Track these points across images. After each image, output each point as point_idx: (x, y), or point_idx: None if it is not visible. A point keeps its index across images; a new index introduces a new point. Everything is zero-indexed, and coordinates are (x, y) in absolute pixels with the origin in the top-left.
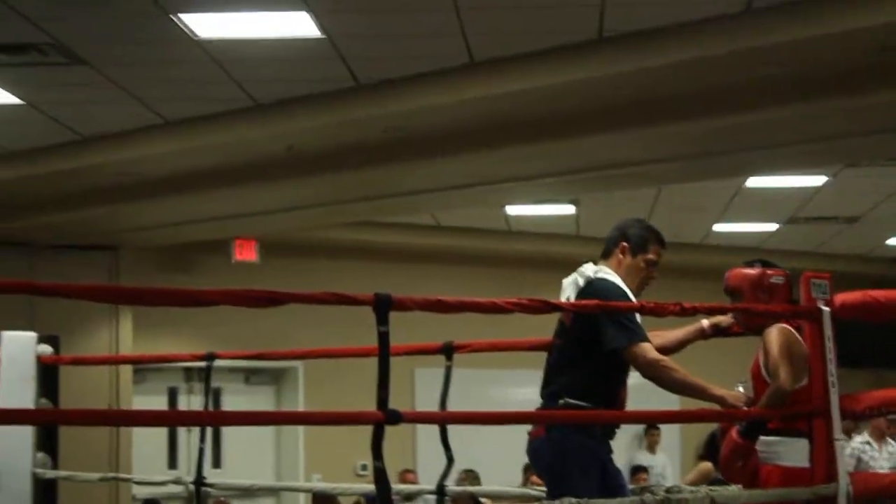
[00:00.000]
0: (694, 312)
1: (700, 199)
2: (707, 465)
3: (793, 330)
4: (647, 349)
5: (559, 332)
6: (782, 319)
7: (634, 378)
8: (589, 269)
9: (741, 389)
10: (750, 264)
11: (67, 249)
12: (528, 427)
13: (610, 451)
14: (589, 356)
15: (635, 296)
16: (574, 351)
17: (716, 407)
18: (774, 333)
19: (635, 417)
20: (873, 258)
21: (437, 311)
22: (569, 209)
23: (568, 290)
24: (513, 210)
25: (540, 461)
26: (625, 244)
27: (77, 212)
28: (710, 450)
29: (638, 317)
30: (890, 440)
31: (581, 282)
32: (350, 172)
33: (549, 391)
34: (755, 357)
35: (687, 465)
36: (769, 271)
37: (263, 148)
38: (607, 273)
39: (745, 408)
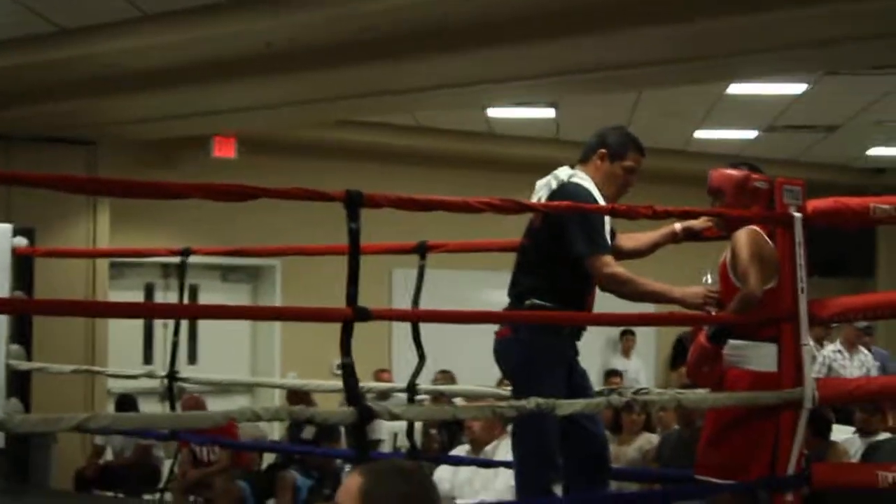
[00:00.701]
0: (666, 216)
1: (681, 105)
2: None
3: (761, 232)
4: (606, 262)
5: (528, 232)
6: (757, 223)
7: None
8: (563, 173)
9: (708, 279)
10: (735, 166)
11: (45, 143)
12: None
13: (576, 351)
14: (555, 258)
15: (613, 202)
16: (541, 252)
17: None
18: (743, 236)
19: (604, 320)
20: (853, 168)
21: (408, 208)
22: (548, 112)
23: (541, 191)
24: (493, 112)
25: (507, 360)
26: (603, 150)
27: (55, 104)
28: (676, 355)
29: (608, 223)
30: (861, 349)
31: (554, 184)
32: (329, 70)
33: (516, 291)
34: (723, 256)
35: (661, 370)
36: (754, 175)
37: (243, 44)
38: (581, 178)
39: (708, 301)
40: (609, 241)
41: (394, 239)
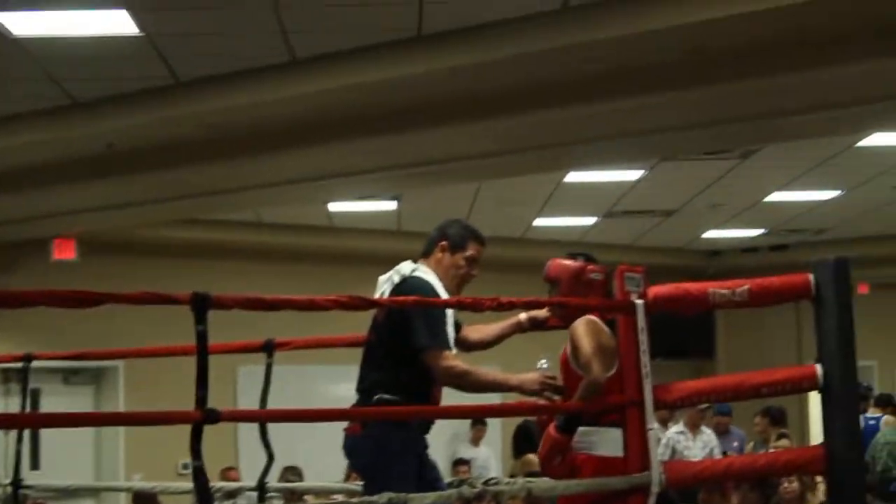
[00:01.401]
0: (511, 307)
1: (520, 194)
2: (531, 458)
3: (598, 320)
4: (444, 357)
5: (372, 327)
6: (595, 312)
7: None
8: (406, 267)
9: (544, 364)
10: (573, 256)
11: None
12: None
13: (425, 445)
14: (399, 352)
15: (456, 294)
16: (385, 346)
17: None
18: (582, 325)
19: (453, 412)
20: (689, 251)
21: (255, 308)
22: (390, 205)
23: (383, 286)
24: (335, 206)
25: (357, 458)
26: (444, 243)
27: None
28: (518, 443)
29: (451, 315)
30: (704, 429)
31: (396, 278)
32: (170, 170)
33: (363, 387)
34: (564, 347)
35: (507, 458)
36: (589, 266)
37: (83, 146)
38: (424, 272)
39: (545, 386)
40: (452, 335)
41: (239, 335)
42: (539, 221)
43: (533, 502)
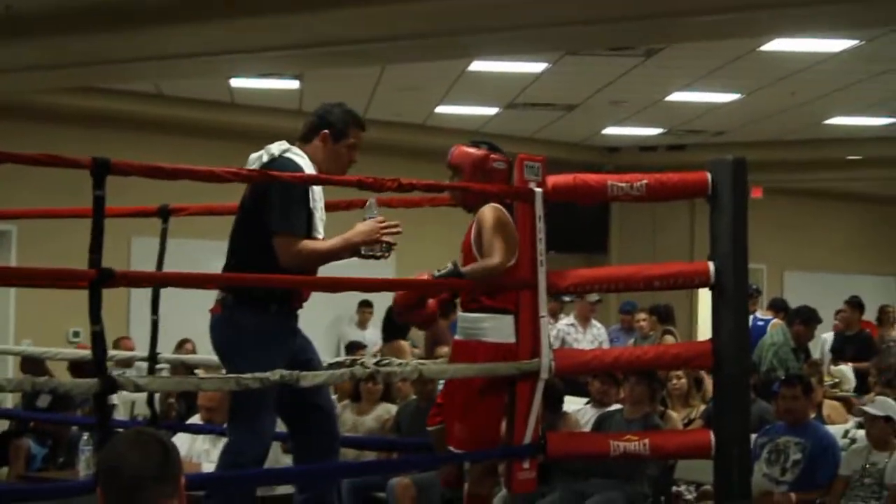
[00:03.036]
0: (411, 188)
1: (423, 81)
2: (402, 344)
3: (504, 210)
4: (292, 242)
5: (239, 206)
6: (496, 199)
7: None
8: (276, 147)
9: (373, 204)
10: (476, 144)
11: None
12: None
13: (292, 328)
14: (259, 234)
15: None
16: (246, 227)
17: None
18: (488, 212)
19: (318, 284)
20: (588, 147)
21: (155, 177)
22: (293, 84)
23: (252, 164)
24: (236, 83)
25: (214, 338)
26: (325, 132)
27: None
28: (388, 326)
29: (318, 201)
30: (594, 323)
31: (265, 158)
32: (69, 35)
33: (227, 266)
34: (466, 233)
35: None
36: (493, 155)
37: None
38: (296, 153)
39: (382, 230)
40: (321, 219)
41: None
42: (441, 109)
43: (423, 385)
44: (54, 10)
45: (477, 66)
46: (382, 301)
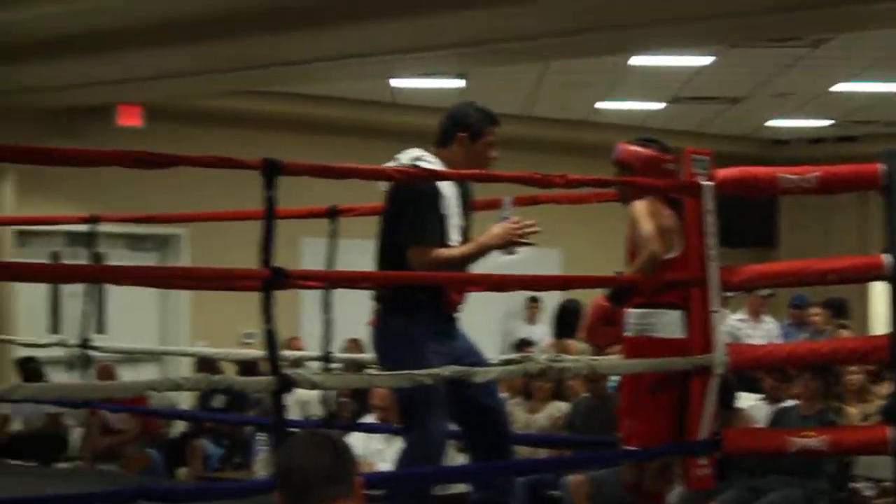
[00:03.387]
0: (579, 184)
1: (586, 76)
2: (570, 343)
3: (657, 202)
4: (425, 253)
5: (381, 215)
6: (661, 195)
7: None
8: (406, 156)
9: (508, 204)
10: (645, 143)
11: None
12: None
13: (449, 333)
14: (398, 244)
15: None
16: (387, 237)
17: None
18: (638, 206)
19: (481, 282)
20: (754, 139)
21: (323, 176)
22: (457, 83)
23: None
24: (397, 83)
25: (375, 349)
26: (463, 134)
27: None
28: (559, 324)
29: (451, 208)
30: (765, 317)
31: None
32: (234, 40)
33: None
34: (629, 232)
35: None
36: (665, 156)
37: (150, 12)
38: (426, 161)
39: (515, 232)
40: (457, 225)
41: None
42: (604, 104)
43: (595, 382)
44: (220, 13)
45: (640, 60)
46: (550, 297)
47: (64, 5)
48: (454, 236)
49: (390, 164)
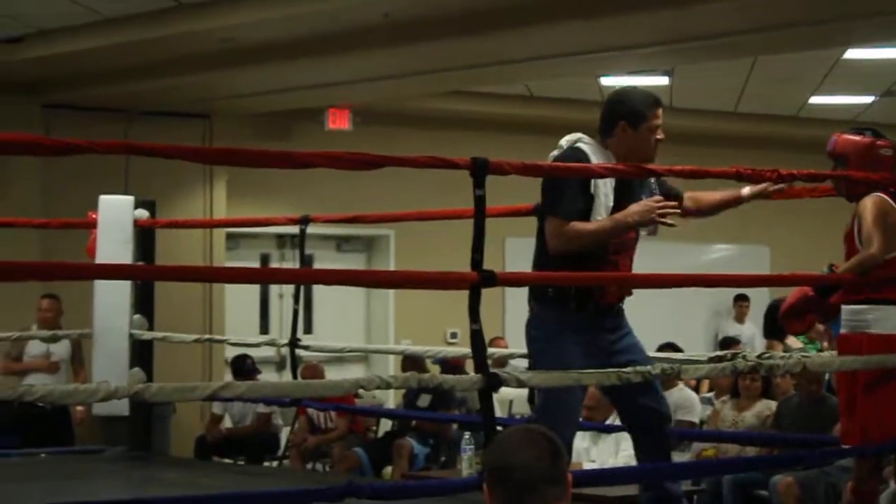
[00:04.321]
0: (791, 179)
1: (796, 71)
2: (776, 344)
3: (889, 200)
4: (559, 225)
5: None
6: (879, 188)
7: (725, 252)
8: (565, 140)
9: (650, 182)
10: (859, 131)
11: (161, 116)
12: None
13: (599, 325)
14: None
15: (649, 161)
16: (541, 217)
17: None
18: (869, 202)
19: (650, 281)
20: None
21: (533, 175)
22: (662, 80)
23: (549, 160)
24: (607, 81)
25: (526, 337)
26: (623, 122)
27: (172, 79)
28: (768, 323)
29: (602, 186)
30: None
31: (555, 152)
32: (443, 41)
33: (533, 263)
34: (849, 225)
35: None
36: (879, 142)
37: (359, 15)
38: (585, 142)
39: (658, 209)
40: (606, 203)
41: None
42: (815, 99)
43: (809, 379)
44: (431, 15)
45: (853, 53)
46: (759, 295)
47: (278, 10)
48: (601, 217)
49: (554, 151)
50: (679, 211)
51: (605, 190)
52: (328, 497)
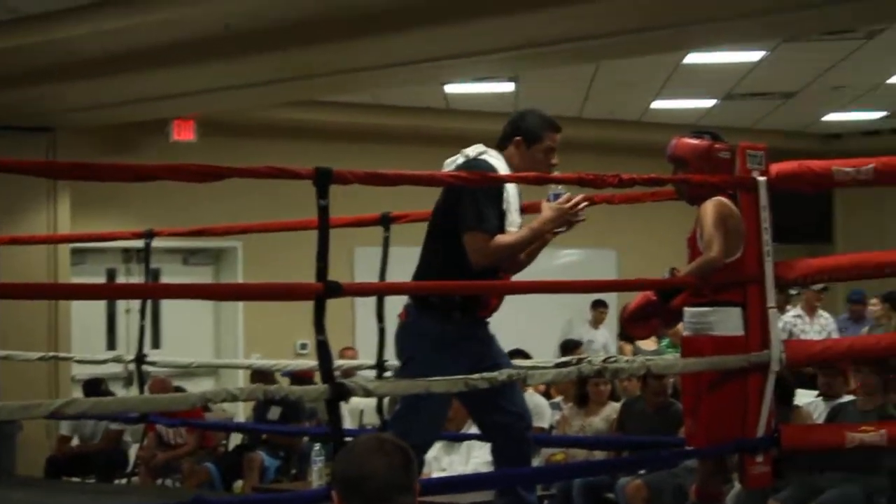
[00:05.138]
0: (632, 183)
1: (637, 76)
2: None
3: (729, 203)
4: (483, 239)
5: (433, 212)
6: (719, 191)
7: (573, 256)
8: (472, 150)
9: (560, 190)
10: (698, 135)
11: (2, 131)
12: None
13: (477, 335)
14: (452, 236)
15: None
16: (438, 231)
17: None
18: (710, 206)
19: (515, 288)
20: (809, 134)
21: (376, 184)
22: (508, 86)
23: (448, 168)
24: (451, 88)
25: (397, 344)
26: (518, 138)
27: (12, 92)
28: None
29: (512, 202)
30: (821, 312)
31: (460, 160)
32: (288, 51)
33: (416, 273)
34: (693, 228)
35: None
36: (717, 145)
37: (201, 26)
38: (492, 155)
39: (566, 213)
40: (516, 220)
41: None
42: (657, 104)
43: (651, 392)
44: (272, 26)
45: (692, 58)
46: (613, 300)
47: (118, 22)
48: (514, 231)
49: (456, 157)
50: (588, 203)
51: (515, 206)
52: None
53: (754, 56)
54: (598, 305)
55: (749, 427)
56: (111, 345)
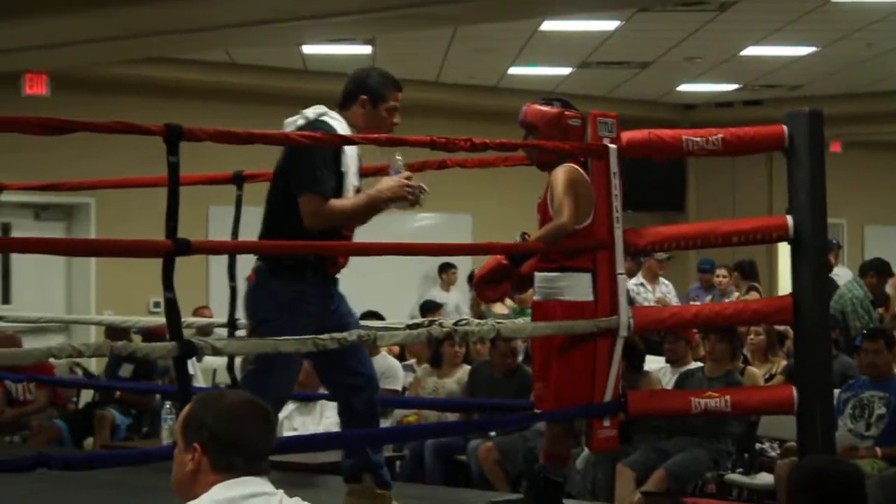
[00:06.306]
0: (484, 148)
1: (495, 42)
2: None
3: (580, 170)
4: (317, 202)
5: (274, 171)
6: (570, 158)
7: (430, 220)
8: (312, 111)
9: (399, 161)
10: (549, 102)
11: None
12: None
13: (327, 292)
14: (292, 197)
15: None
16: (279, 191)
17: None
18: (561, 172)
19: (370, 249)
20: (663, 104)
21: (226, 141)
22: (365, 49)
23: (287, 129)
24: (308, 49)
25: (247, 306)
26: (364, 97)
27: None
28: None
29: (350, 165)
30: (662, 280)
31: (300, 121)
32: (140, 6)
33: (261, 233)
34: (543, 194)
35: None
36: (567, 112)
37: None
38: (332, 117)
39: (407, 186)
40: (353, 183)
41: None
42: (514, 70)
43: (500, 354)
44: None
45: (549, 25)
46: (465, 263)
47: None
48: (351, 194)
49: (296, 118)
50: (424, 188)
51: (353, 169)
52: (17, 468)
53: (610, 25)
54: (447, 267)
55: (597, 391)
56: None
